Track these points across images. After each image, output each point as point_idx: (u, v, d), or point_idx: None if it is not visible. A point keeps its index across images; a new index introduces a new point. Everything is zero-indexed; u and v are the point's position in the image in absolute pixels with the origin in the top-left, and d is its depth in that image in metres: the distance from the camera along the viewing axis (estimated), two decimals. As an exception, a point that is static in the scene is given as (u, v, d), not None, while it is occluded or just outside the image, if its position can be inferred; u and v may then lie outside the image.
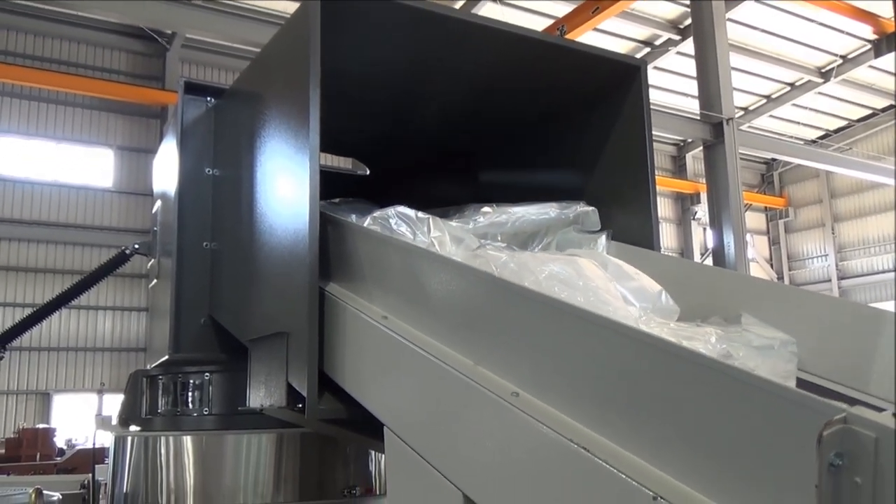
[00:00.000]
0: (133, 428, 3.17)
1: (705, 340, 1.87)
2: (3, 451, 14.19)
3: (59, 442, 15.35)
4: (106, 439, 3.74)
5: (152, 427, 3.03)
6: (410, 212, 2.44)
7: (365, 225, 2.38)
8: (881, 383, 1.84)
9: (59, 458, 13.51)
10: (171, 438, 2.80)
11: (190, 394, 2.94)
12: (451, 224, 2.51)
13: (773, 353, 1.91)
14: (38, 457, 13.60)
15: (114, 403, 3.59)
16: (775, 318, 2.06)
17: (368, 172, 4.13)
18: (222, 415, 2.86)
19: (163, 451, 2.79)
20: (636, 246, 2.76)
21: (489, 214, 2.71)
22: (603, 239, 2.80)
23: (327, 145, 2.28)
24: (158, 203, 3.33)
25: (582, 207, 2.88)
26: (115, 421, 3.39)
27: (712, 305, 2.25)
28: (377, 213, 2.44)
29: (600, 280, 2.15)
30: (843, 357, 1.96)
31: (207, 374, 2.90)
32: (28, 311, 4.29)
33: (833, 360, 1.98)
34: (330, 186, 2.44)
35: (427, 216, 2.46)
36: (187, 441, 2.77)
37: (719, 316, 2.16)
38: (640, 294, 2.24)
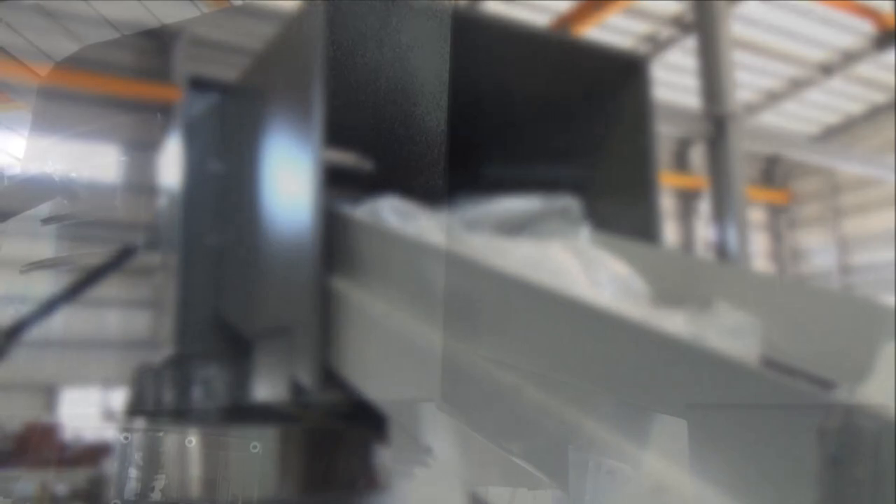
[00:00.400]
0: (138, 422, 3.18)
1: (674, 323, 1.90)
2: (8, 445, 14.26)
3: (65, 436, 15.41)
4: (111, 433, 3.75)
5: (157, 421, 3.04)
6: (400, 203, 2.48)
7: (357, 215, 2.41)
8: (860, 370, 1.84)
9: (64, 452, 13.57)
10: (176, 432, 2.80)
11: (195, 388, 2.95)
12: (439, 214, 2.56)
13: (740, 336, 1.95)
14: (43, 451, 13.66)
15: (119, 397, 3.60)
16: (750, 304, 2.09)
17: (370, 167, 4.12)
18: (227, 408, 2.87)
19: (168, 444, 2.81)
20: (639, 240, 2.76)
21: (478, 205, 2.77)
22: (585, 229, 2.83)
23: (330, 139, 2.29)
24: (163, 198, 3.34)
25: (566, 200, 2.92)
26: (120, 415, 3.40)
27: (690, 292, 2.28)
28: (369, 204, 2.47)
29: (571, 265, 2.20)
30: (818, 342, 1.98)
31: (212, 368, 2.91)
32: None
33: (807, 345, 2.00)
34: (332, 181, 2.45)
35: (417, 207, 2.50)
36: (192, 435, 2.78)
37: (693, 301, 2.19)
38: (612, 279, 2.29)
